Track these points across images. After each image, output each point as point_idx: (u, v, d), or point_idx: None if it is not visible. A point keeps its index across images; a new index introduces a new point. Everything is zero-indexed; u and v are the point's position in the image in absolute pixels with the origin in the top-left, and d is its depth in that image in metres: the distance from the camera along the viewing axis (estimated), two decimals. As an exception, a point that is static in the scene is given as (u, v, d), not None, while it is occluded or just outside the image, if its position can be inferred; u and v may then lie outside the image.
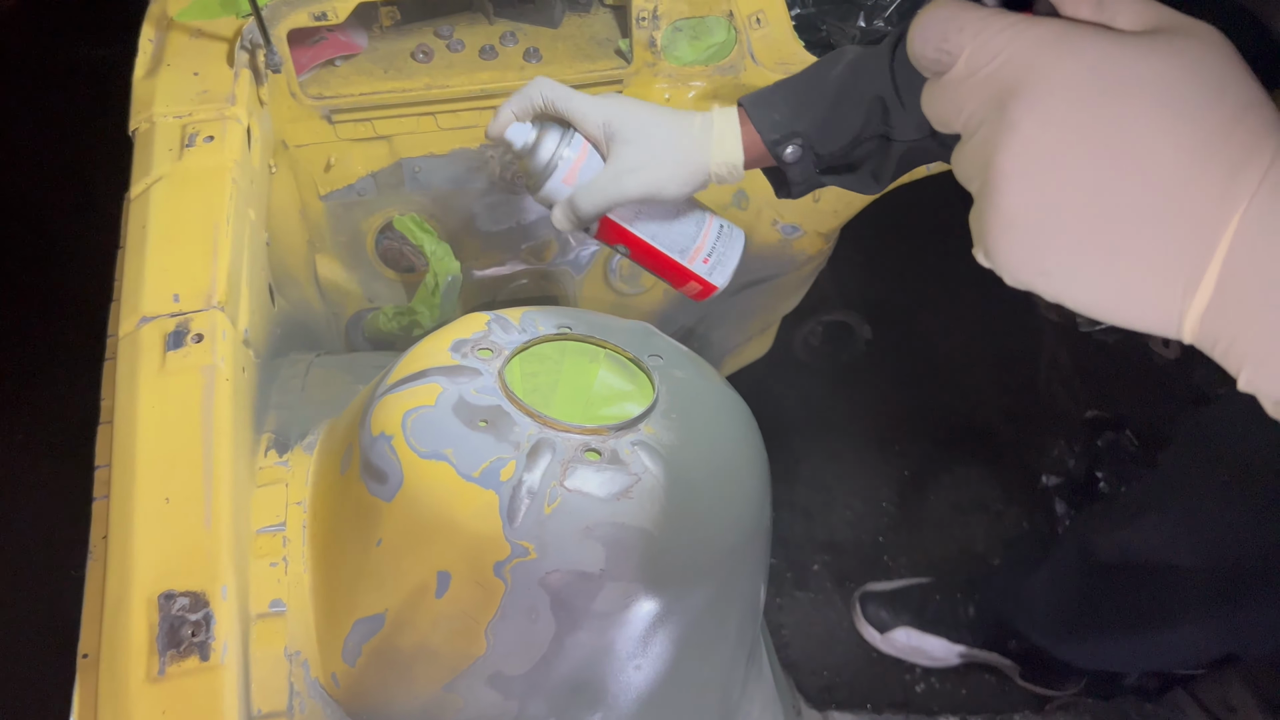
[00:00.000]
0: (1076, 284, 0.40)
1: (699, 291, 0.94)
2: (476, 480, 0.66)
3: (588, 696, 0.68)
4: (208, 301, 0.81)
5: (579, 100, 0.85)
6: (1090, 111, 0.38)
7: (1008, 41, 0.40)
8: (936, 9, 0.43)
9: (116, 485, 0.72)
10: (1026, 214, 0.40)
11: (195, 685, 0.63)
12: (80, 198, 2.34)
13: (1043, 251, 0.40)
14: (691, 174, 0.84)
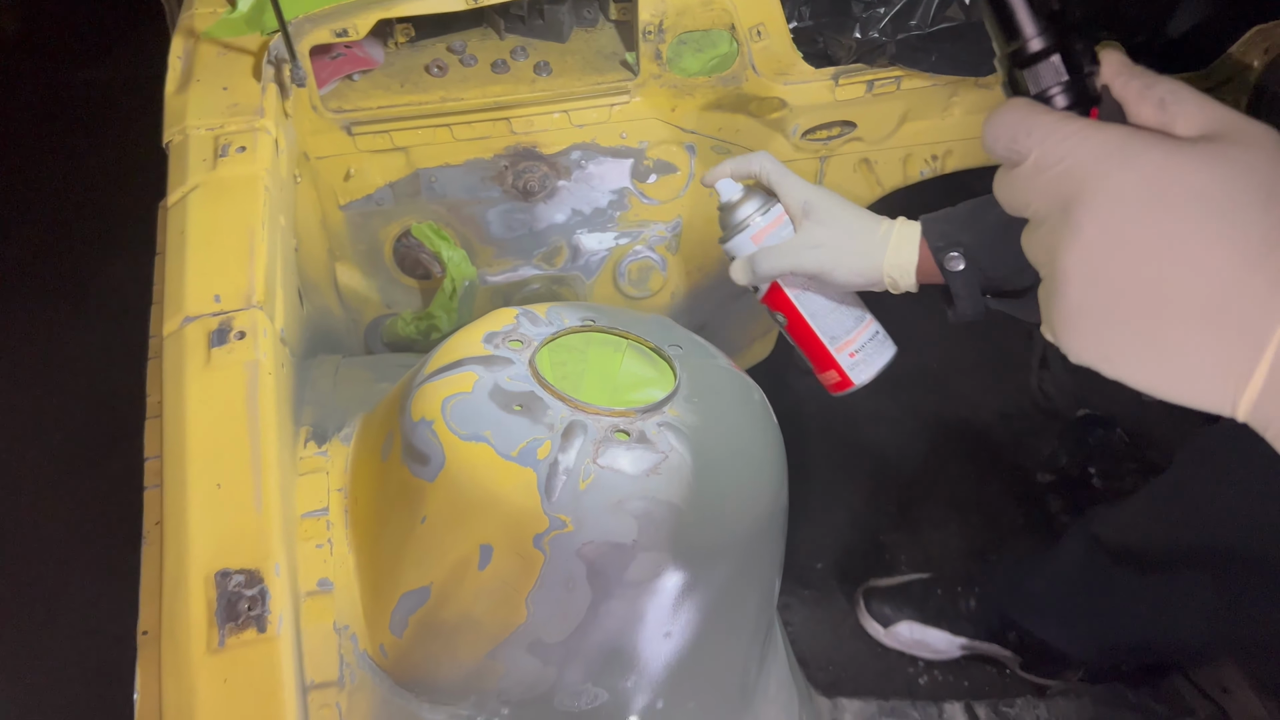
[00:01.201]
0: (1137, 371, 0.44)
1: (836, 383, 1.00)
2: (515, 459, 0.70)
3: (621, 663, 0.72)
4: (247, 301, 0.85)
5: (790, 179, 0.94)
6: (1146, 221, 0.42)
7: (1072, 149, 0.44)
8: (1009, 111, 0.47)
9: (169, 473, 0.76)
10: (1089, 309, 0.44)
11: (254, 655, 0.66)
12: (87, 214, 2.39)
13: (1104, 342, 0.44)
14: (866, 268, 0.92)
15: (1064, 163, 0.44)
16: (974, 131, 1.36)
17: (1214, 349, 0.41)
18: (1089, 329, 0.44)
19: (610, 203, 1.28)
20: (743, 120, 1.27)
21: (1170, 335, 0.42)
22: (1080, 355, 0.45)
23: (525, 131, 1.20)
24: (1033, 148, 0.45)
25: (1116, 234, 0.42)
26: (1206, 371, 0.42)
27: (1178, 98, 0.45)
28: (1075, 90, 0.49)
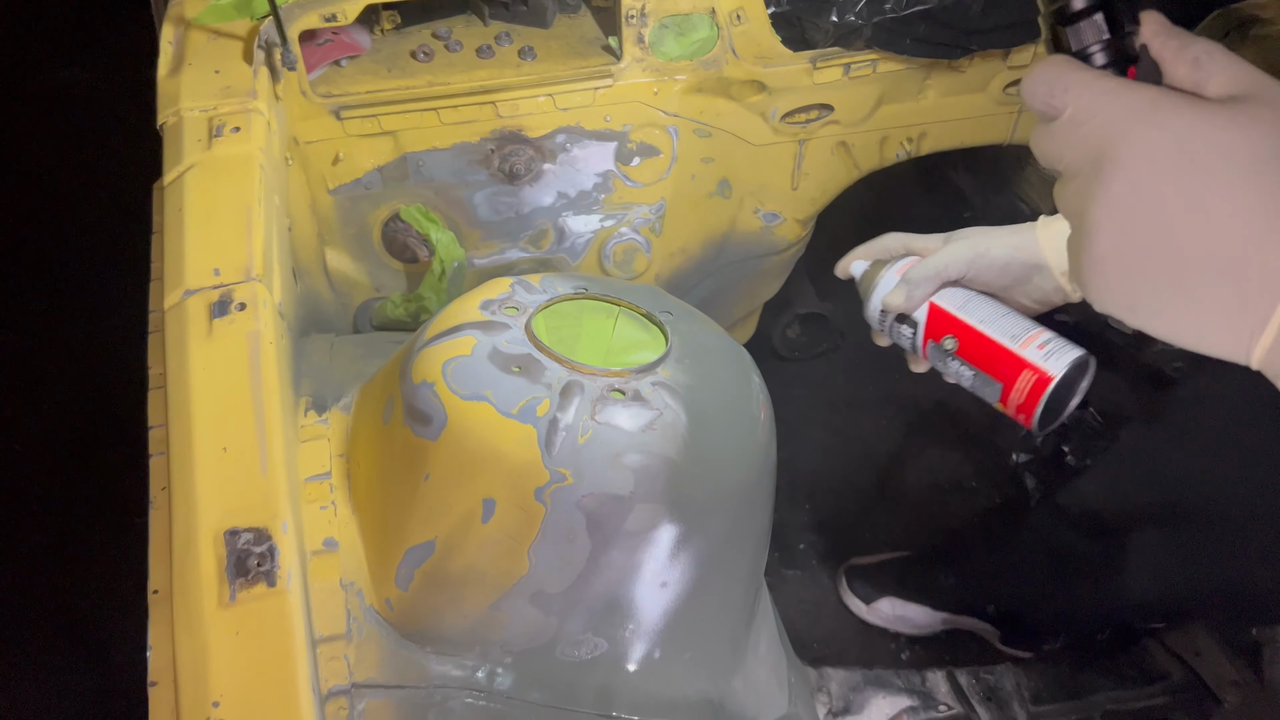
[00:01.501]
0: (1158, 320, 0.47)
1: (1033, 384, 0.86)
2: (515, 416, 0.72)
3: (620, 613, 0.74)
4: (247, 274, 0.87)
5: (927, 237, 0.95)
6: (1173, 177, 0.44)
7: (1105, 106, 0.46)
8: (1049, 67, 0.49)
9: (175, 439, 0.78)
10: (1115, 259, 0.47)
11: (264, 608, 0.68)
12: (66, 210, 2.39)
13: (1128, 291, 0.47)
14: (1020, 241, 0.90)
15: (1097, 119, 0.47)
16: (948, 114, 1.39)
17: (1231, 301, 0.44)
18: (1114, 279, 0.47)
19: (595, 185, 1.30)
20: (723, 104, 1.29)
21: (1191, 287, 0.45)
22: (1105, 304, 0.48)
23: (511, 115, 1.22)
24: (1069, 104, 0.48)
25: (1145, 189, 0.45)
26: (1223, 322, 0.45)
27: (1211, 57, 0.48)
28: (1114, 48, 0.51)
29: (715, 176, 1.36)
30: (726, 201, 1.39)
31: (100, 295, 2.12)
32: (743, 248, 1.46)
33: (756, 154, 1.36)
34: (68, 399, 2.00)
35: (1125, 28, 0.51)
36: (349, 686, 0.70)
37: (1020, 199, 1.78)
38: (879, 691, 1.37)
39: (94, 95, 2.64)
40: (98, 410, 1.94)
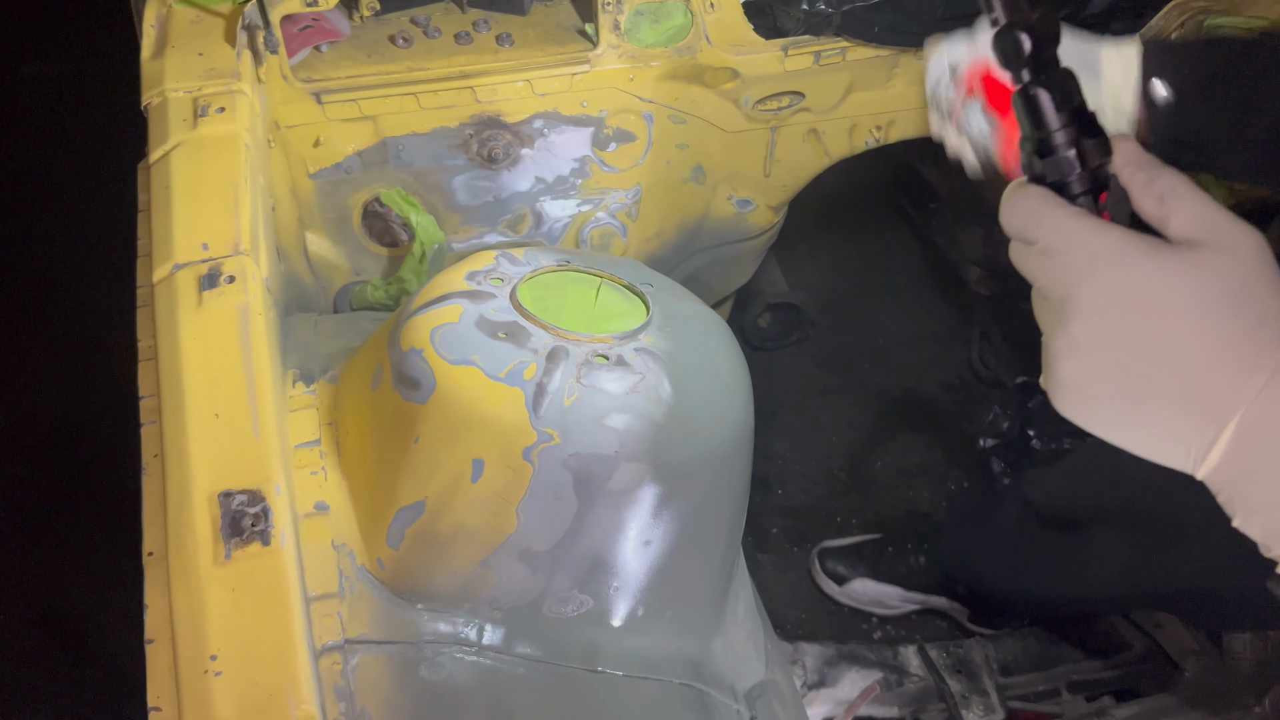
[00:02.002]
0: (1113, 436, 0.52)
1: None
2: (503, 379, 0.74)
3: (605, 570, 0.76)
4: (235, 249, 0.88)
5: None
6: (1129, 322, 0.50)
7: (1072, 246, 0.52)
8: (1025, 199, 0.55)
9: (167, 406, 0.79)
10: (1074, 387, 0.52)
11: (259, 566, 0.70)
12: (40, 206, 2.37)
13: (1086, 411, 0.52)
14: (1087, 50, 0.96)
15: (1064, 256, 0.52)
16: (915, 102, 1.43)
17: (1177, 433, 0.50)
18: (1073, 401, 0.53)
19: (572, 170, 1.33)
20: (698, 90, 1.32)
21: (1141, 417, 0.51)
22: (1068, 415, 0.54)
23: (489, 100, 1.24)
24: (1040, 237, 0.53)
25: (1102, 332, 0.50)
26: (1171, 447, 0.51)
27: (1175, 194, 0.53)
28: (1087, 178, 0.55)
29: (690, 162, 1.39)
30: (701, 187, 1.42)
31: (76, 287, 2.11)
32: (716, 233, 1.49)
33: (730, 140, 1.39)
34: (45, 391, 2.00)
35: (1097, 160, 0.56)
36: (342, 642, 0.72)
37: (985, 188, 1.82)
38: (852, 665, 1.40)
39: (66, 89, 2.63)
40: (77, 401, 1.94)
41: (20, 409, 1.98)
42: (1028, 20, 0.56)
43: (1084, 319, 0.51)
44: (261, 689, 0.65)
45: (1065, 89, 0.56)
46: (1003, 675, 1.41)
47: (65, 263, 2.25)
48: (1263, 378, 0.48)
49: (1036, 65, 0.56)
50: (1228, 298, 0.50)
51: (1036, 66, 0.56)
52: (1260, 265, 0.51)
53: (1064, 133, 0.56)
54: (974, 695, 1.36)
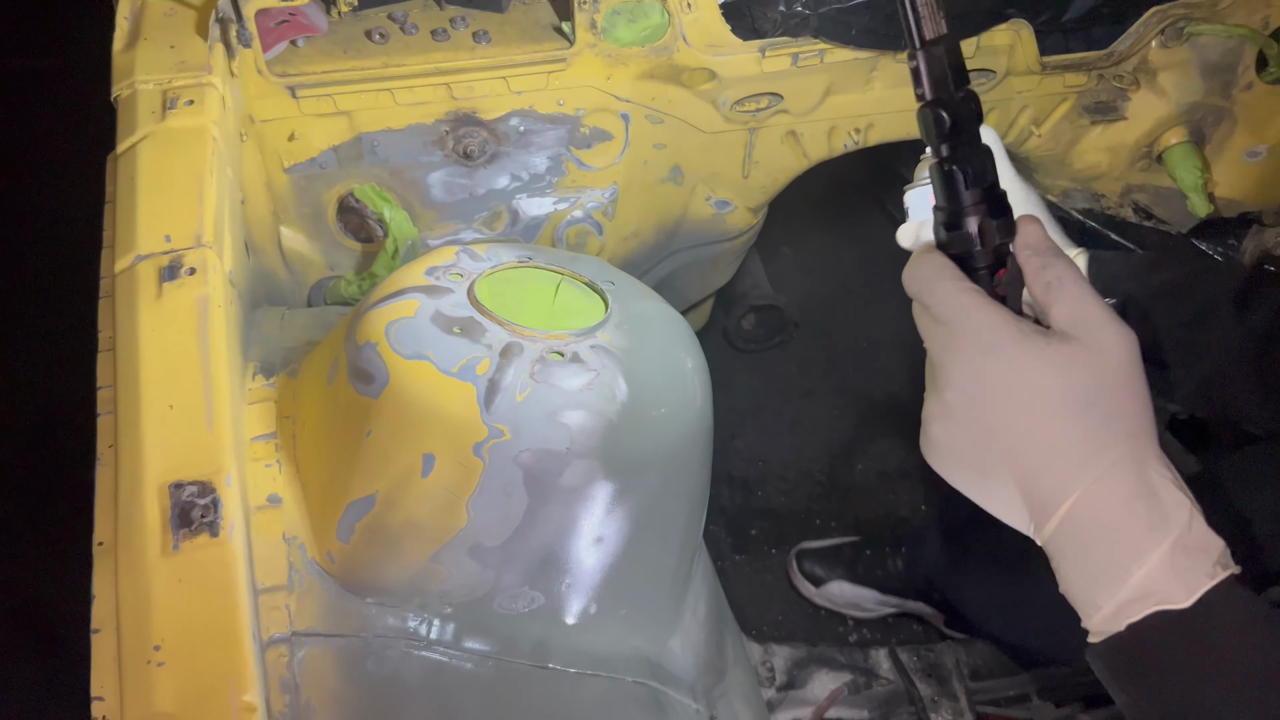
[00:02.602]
0: (973, 497, 0.59)
1: None
2: (455, 375, 0.75)
3: (556, 567, 0.77)
4: (197, 241, 0.88)
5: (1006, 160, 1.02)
6: (992, 400, 0.56)
7: (957, 320, 0.57)
8: (925, 266, 0.60)
9: (123, 397, 0.79)
10: (943, 447, 0.58)
11: (206, 558, 0.70)
12: (24, 201, 2.37)
13: (952, 472, 0.59)
14: None
15: (949, 327, 0.57)
16: (894, 105, 1.43)
17: (1019, 505, 0.57)
18: (939, 459, 0.59)
19: (548, 169, 1.33)
20: (675, 90, 1.32)
21: (992, 486, 0.57)
22: (935, 469, 0.60)
23: (465, 97, 1.24)
24: (932, 305, 0.58)
25: (967, 404, 0.56)
26: (1014, 515, 0.57)
27: (1061, 286, 0.57)
28: (989, 255, 0.60)
29: (667, 163, 1.39)
30: (678, 188, 1.42)
31: (57, 280, 2.11)
32: (694, 234, 1.49)
33: (708, 141, 1.39)
34: (19, 386, 2.00)
35: (998, 239, 0.60)
36: (289, 635, 0.72)
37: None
38: (822, 667, 1.40)
39: (55, 82, 2.63)
40: (52, 394, 1.94)
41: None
42: (952, 99, 0.60)
43: (954, 389, 0.57)
44: (203, 679, 0.66)
45: (979, 167, 0.60)
46: (973, 680, 1.41)
47: (49, 255, 2.25)
48: (1094, 474, 0.54)
49: (955, 142, 0.60)
50: (1082, 395, 0.55)
51: (955, 143, 0.60)
52: (1121, 367, 0.56)
53: (972, 209, 0.59)
54: (943, 699, 1.36)
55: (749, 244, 1.60)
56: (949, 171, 0.60)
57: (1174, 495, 0.55)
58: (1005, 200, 0.61)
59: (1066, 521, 0.55)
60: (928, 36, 0.61)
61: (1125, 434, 0.55)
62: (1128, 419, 0.55)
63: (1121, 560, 0.54)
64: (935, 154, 0.61)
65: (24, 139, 2.53)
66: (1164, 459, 0.56)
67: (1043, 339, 0.56)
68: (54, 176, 2.37)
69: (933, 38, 0.60)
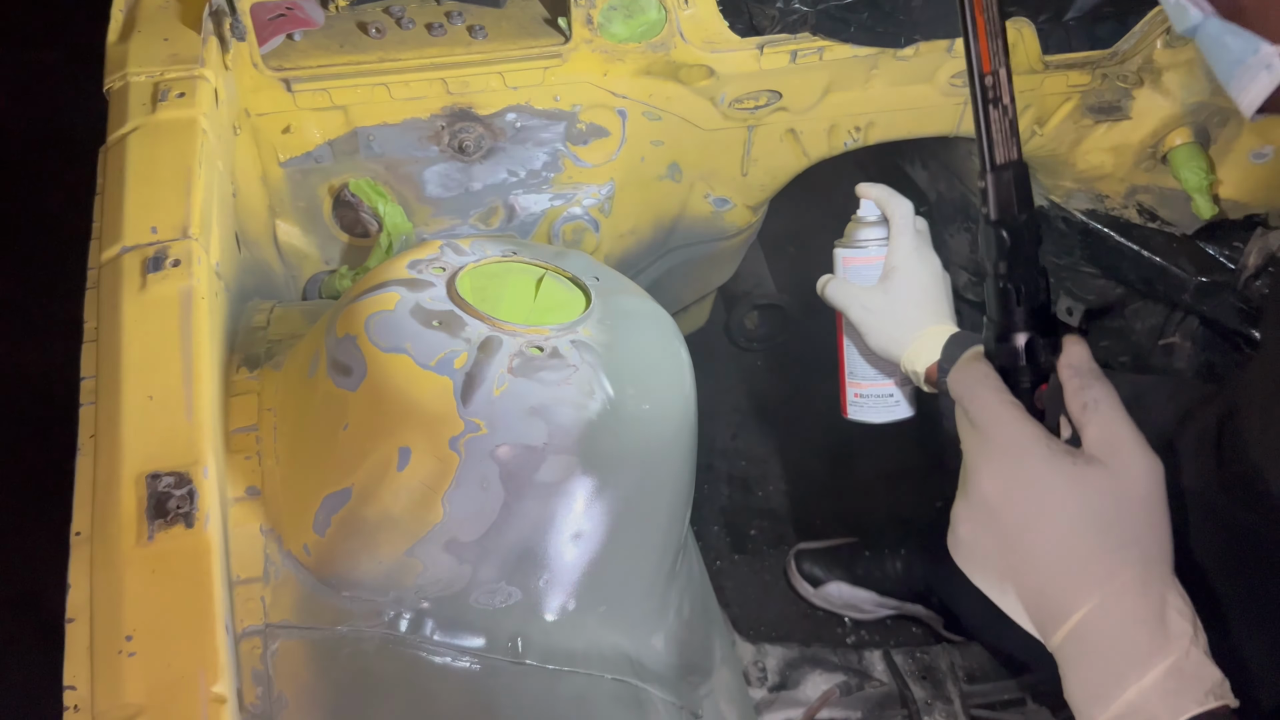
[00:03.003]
0: (991, 596, 0.62)
1: (841, 405, 1.18)
2: (433, 368, 0.74)
3: (533, 562, 0.76)
4: (183, 233, 0.88)
5: (904, 237, 1.06)
6: (1015, 512, 0.59)
7: (993, 429, 0.61)
8: (969, 373, 0.64)
9: (104, 388, 0.80)
10: (967, 546, 0.63)
11: (181, 548, 0.70)
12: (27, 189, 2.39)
13: (973, 571, 0.63)
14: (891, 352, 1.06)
15: (983, 435, 0.61)
16: (895, 104, 1.42)
17: (1030, 612, 0.60)
18: (962, 557, 0.63)
19: (544, 165, 1.33)
20: (673, 87, 1.32)
21: (1007, 591, 0.61)
22: (957, 563, 0.64)
23: (461, 92, 1.24)
24: (971, 410, 0.62)
25: (992, 512, 0.60)
26: (1025, 621, 0.61)
27: (1097, 408, 0.61)
28: (1031, 370, 0.64)
29: (665, 160, 1.39)
30: (676, 185, 1.42)
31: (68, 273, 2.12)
32: (693, 232, 1.48)
33: (706, 138, 1.38)
34: (21, 377, 2.01)
35: (1043, 357, 0.63)
36: (263, 627, 0.72)
37: (971, 193, 1.82)
38: (815, 668, 1.39)
39: (58, 76, 2.64)
40: (52, 387, 1.94)
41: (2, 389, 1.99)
42: (1015, 221, 0.64)
43: (981, 495, 0.60)
44: (173, 670, 0.65)
45: (1033, 288, 0.64)
46: (968, 683, 1.40)
47: (62, 247, 2.26)
48: (1103, 593, 0.57)
49: (1013, 261, 0.64)
50: (1100, 516, 0.58)
51: (1013, 262, 0.64)
52: (1143, 494, 0.59)
53: (1021, 326, 0.64)
54: (937, 702, 1.35)
55: (748, 242, 1.59)
56: (1004, 289, 0.64)
57: (1178, 624, 0.58)
58: (1055, 320, 0.65)
59: (1073, 634, 0.58)
60: (998, 161, 0.64)
61: (1139, 559, 0.58)
62: (1143, 544, 0.59)
63: (1117, 678, 0.57)
64: (993, 270, 0.65)
65: (40, 129, 2.55)
66: (1177, 588, 0.59)
67: (1069, 459, 0.59)
68: (57, 168, 2.38)
69: (1003, 162, 0.64)
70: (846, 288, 1.09)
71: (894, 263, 1.06)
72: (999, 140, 0.64)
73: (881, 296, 1.06)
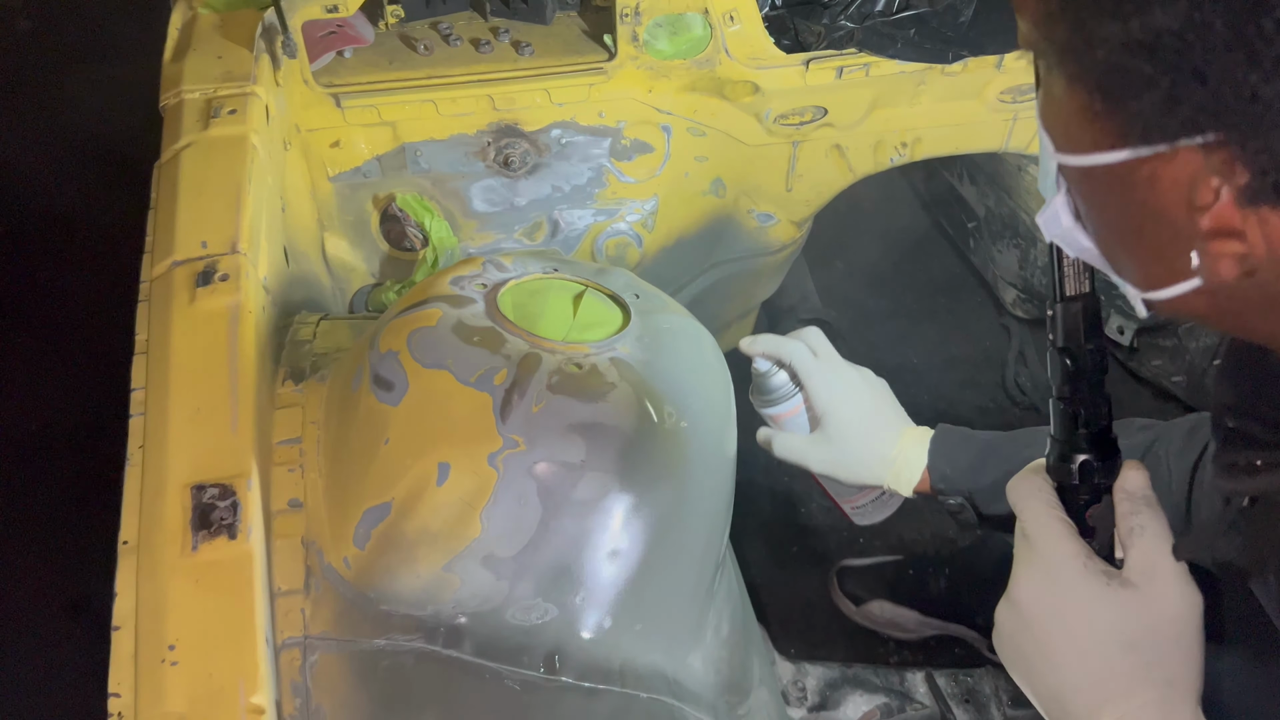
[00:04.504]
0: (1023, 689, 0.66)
1: (848, 520, 1.17)
2: (473, 384, 0.75)
3: (570, 579, 0.76)
4: (232, 247, 0.90)
5: (817, 378, 1.03)
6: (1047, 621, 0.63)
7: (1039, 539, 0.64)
8: (1025, 484, 0.67)
9: (152, 400, 0.81)
10: (1006, 640, 0.66)
11: (224, 560, 0.71)
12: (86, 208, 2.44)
13: (1009, 663, 0.67)
14: (870, 480, 1.05)
15: (1030, 544, 0.65)
16: (942, 120, 1.41)
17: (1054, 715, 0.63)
18: (1001, 649, 0.67)
19: (589, 180, 1.33)
20: (717, 103, 1.32)
21: (1037, 691, 0.64)
22: (998, 654, 0.68)
23: (507, 108, 1.25)
24: (1022, 521, 0.66)
25: (1027, 616, 0.64)
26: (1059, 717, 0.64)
27: (1142, 534, 0.63)
28: (1086, 489, 0.66)
29: (709, 175, 1.39)
30: (720, 200, 1.42)
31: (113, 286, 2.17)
32: (736, 247, 1.48)
33: (750, 154, 1.38)
34: (73, 388, 2.05)
35: (1099, 479, 0.66)
36: (303, 638, 0.73)
37: (1022, 210, 1.79)
38: (856, 689, 1.38)
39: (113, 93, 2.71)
40: (103, 397, 1.99)
41: (48, 406, 2.03)
42: (1080, 349, 0.67)
43: (1020, 600, 0.64)
44: (214, 680, 0.66)
45: (1094, 413, 0.67)
46: (1012, 707, 1.37)
47: (109, 262, 2.31)
48: (1122, 709, 0.60)
49: (1076, 386, 0.67)
50: (1128, 636, 0.61)
51: (1076, 387, 0.67)
52: (1174, 622, 0.61)
53: (1080, 449, 0.66)
54: (980, 726, 1.33)
55: (793, 257, 1.59)
56: (1068, 413, 0.67)
57: None
58: (1115, 444, 0.67)
59: None
60: (1068, 293, 0.67)
61: (1161, 680, 0.60)
62: (1168, 667, 0.60)
63: None
64: (1058, 393, 0.68)
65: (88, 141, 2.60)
66: (1198, 714, 0.61)
67: (1104, 577, 0.62)
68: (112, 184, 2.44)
69: (1072, 294, 0.67)
70: (789, 445, 1.06)
71: (818, 408, 1.03)
72: (1070, 274, 0.66)
73: (827, 446, 1.03)
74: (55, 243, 2.39)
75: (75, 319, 2.20)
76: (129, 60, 2.73)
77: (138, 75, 2.47)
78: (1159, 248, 0.49)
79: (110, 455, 1.84)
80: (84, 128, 2.63)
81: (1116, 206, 0.51)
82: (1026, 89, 1.38)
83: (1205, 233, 0.46)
